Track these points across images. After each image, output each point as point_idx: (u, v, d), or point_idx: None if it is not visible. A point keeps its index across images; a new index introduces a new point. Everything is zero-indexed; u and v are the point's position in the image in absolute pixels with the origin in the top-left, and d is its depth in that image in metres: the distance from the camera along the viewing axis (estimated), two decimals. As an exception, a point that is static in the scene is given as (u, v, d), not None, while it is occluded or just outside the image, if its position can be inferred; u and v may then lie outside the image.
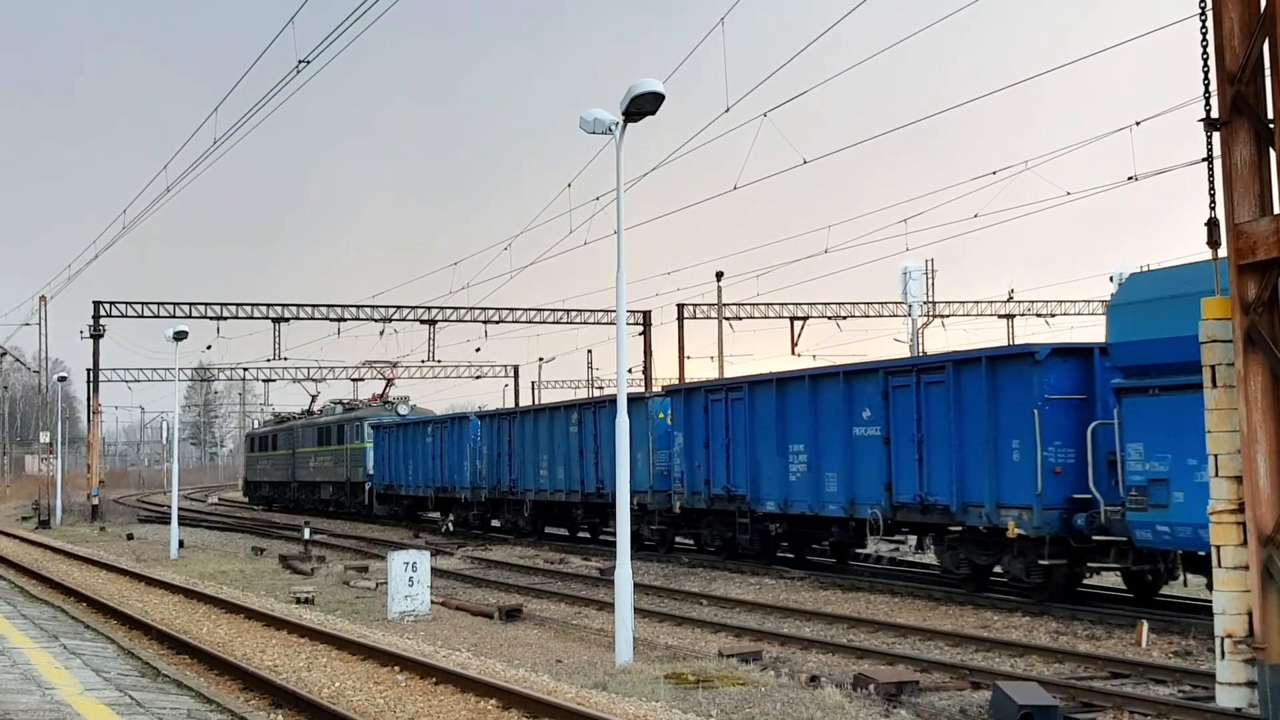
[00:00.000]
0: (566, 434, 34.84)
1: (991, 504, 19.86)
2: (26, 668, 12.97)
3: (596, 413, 33.11)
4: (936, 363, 22.03)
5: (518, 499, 37.95)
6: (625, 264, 15.78)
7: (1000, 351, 21.40)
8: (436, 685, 13.19)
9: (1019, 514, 19.29)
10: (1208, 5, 8.61)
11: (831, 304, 62.55)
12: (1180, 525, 16.66)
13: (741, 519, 26.70)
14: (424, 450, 44.59)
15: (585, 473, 33.63)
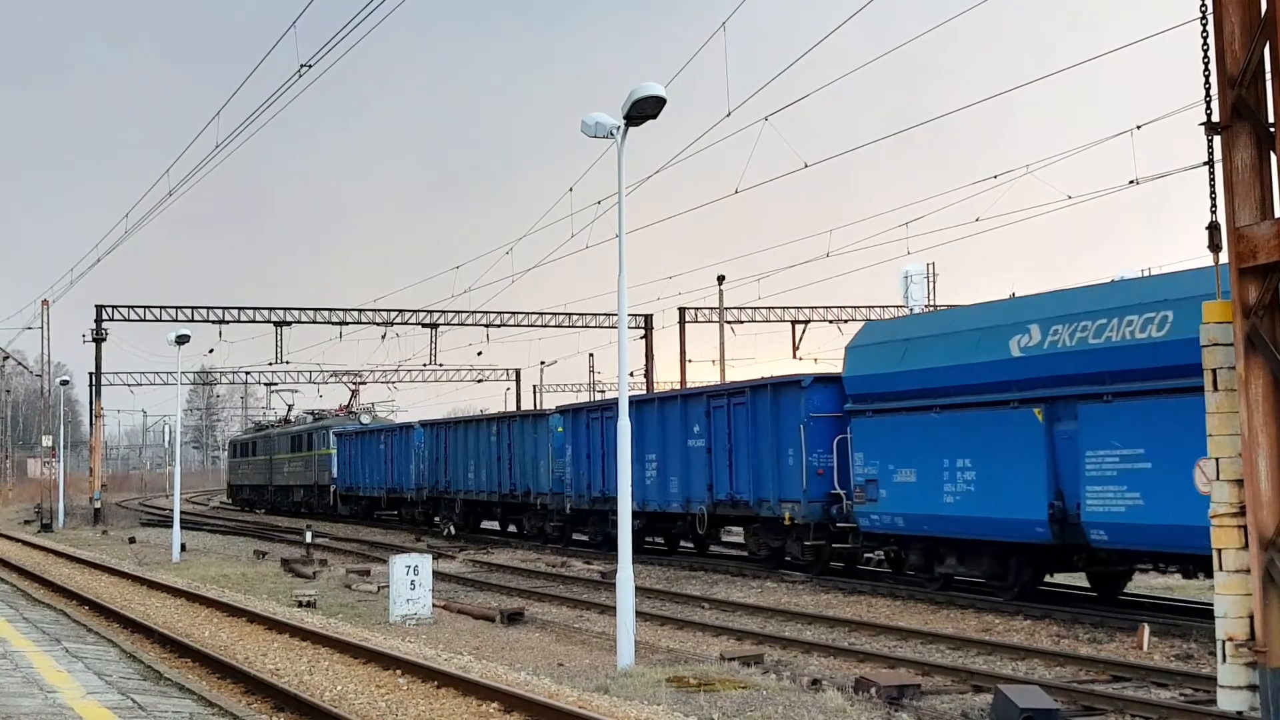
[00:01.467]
0: (490, 443, 39.78)
1: (776, 499, 25.08)
2: (29, 671, 12.99)
3: (510, 426, 38.66)
4: (739, 388, 27.42)
5: (451, 498, 43.09)
6: (627, 267, 15.80)
7: (780, 380, 25.98)
8: (438, 688, 13.20)
9: (793, 506, 24.47)
10: (1208, 9, 8.61)
11: (833, 308, 62.55)
12: (884, 514, 21.95)
13: (613, 516, 28.98)
14: (378, 456, 49.92)
15: (503, 476, 38.67)
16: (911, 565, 22.36)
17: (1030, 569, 20.22)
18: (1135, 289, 18.68)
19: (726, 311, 54.44)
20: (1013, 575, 20.23)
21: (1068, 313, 18.77)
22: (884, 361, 22.02)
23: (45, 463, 66.23)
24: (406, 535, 43.30)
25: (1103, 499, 17.87)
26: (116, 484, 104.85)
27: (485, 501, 40.67)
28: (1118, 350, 17.76)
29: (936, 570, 21.59)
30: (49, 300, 65.92)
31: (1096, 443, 18.06)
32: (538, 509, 36.82)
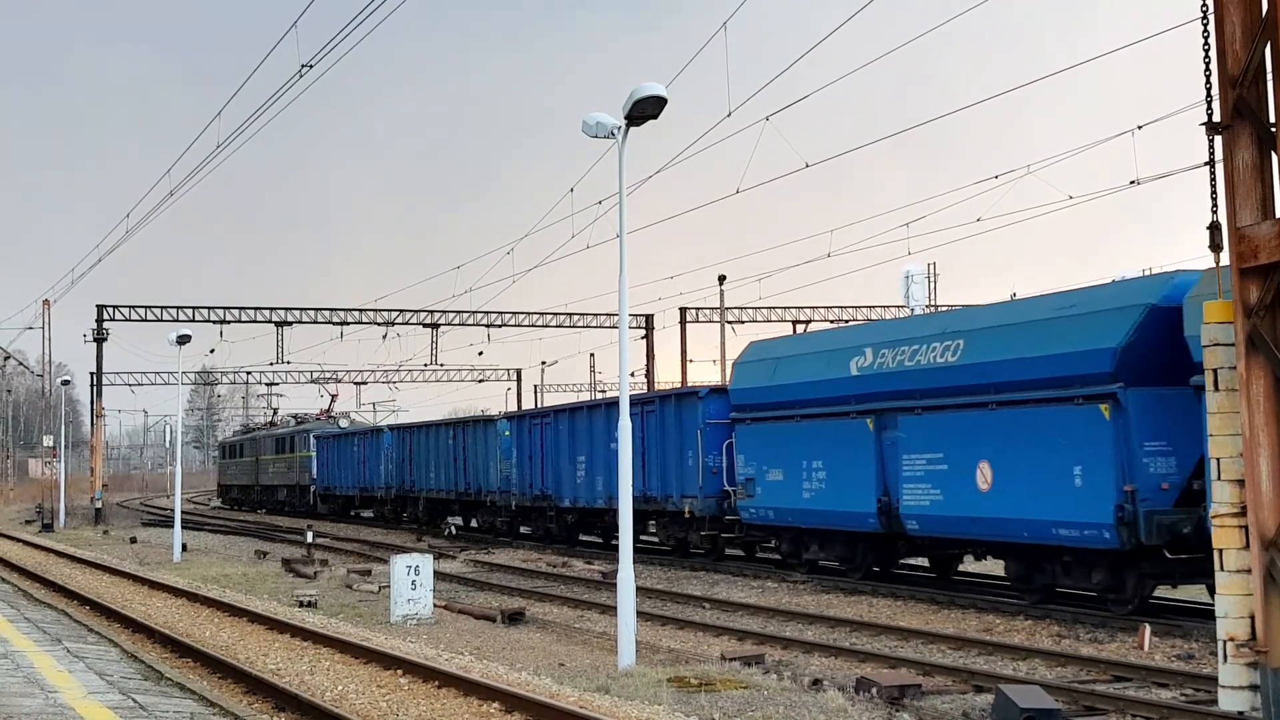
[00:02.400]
0: (448, 446, 43.45)
1: (679, 495, 28.83)
2: (30, 671, 12.99)
3: (465, 430, 42.37)
4: (650, 398, 31.29)
5: (415, 497, 46.91)
6: (628, 267, 15.80)
7: (683, 391, 30.73)
8: (439, 689, 13.20)
9: (692, 501, 28.12)
10: (1209, 9, 8.61)
11: (834, 308, 62.57)
12: (760, 508, 25.51)
13: (550, 512, 35.65)
14: (352, 457, 53.59)
15: (459, 476, 42.38)
16: (783, 552, 26.01)
17: (871, 554, 23.79)
18: (939, 321, 23.15)
19: (727, 311, 54.45)
20: (859, 559, 23.85)
21: (892, 339, 22.37)
22: (760, 377, 25.79)
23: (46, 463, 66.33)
24: (407, 535, 43.35)
25: (914, 495, 21.38)
26: (117, 484, 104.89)
27: (444, 499, 44.49)
28: (925, 371, 21.20)
29: (803, 556, 25.17)
30: (50, 300, 66.04)
31: (910, 448, 21.51)
32: (488, 505, 40.32)
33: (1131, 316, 17.90)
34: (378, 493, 50.51)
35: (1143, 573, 18.07)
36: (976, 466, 19.95)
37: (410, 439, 47.50)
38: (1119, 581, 18.23)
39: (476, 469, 41.03)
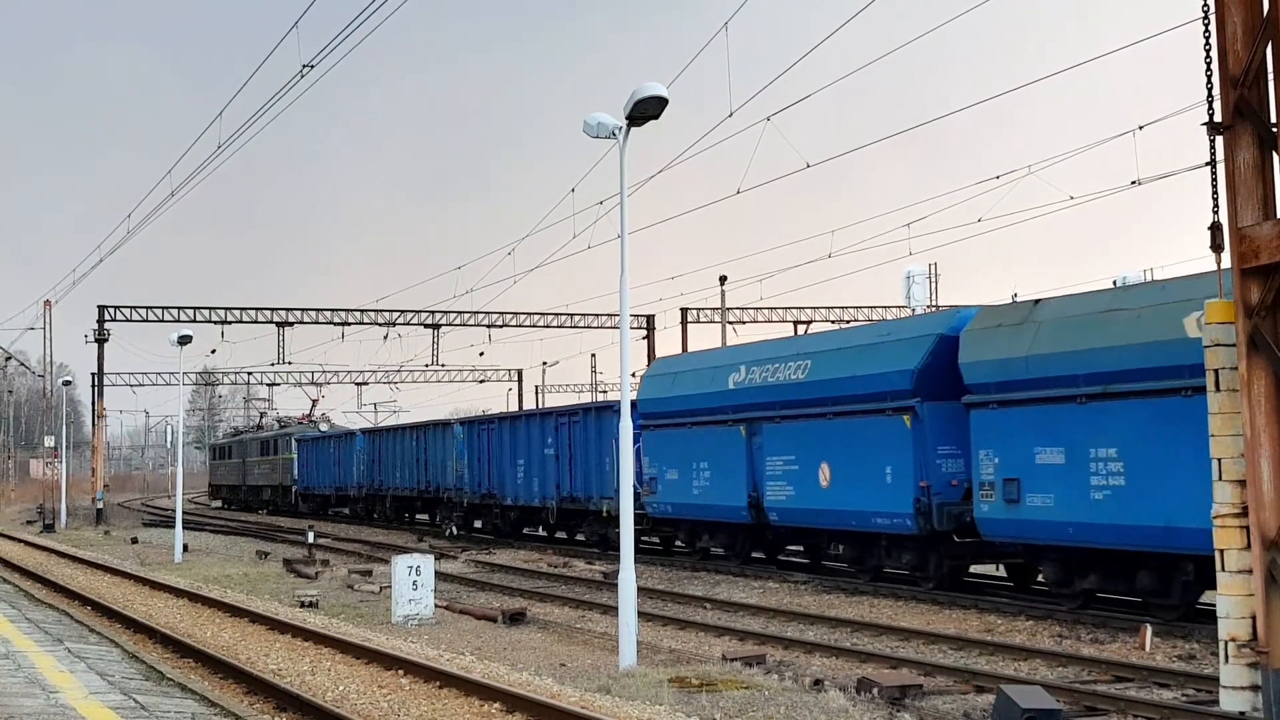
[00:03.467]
0: (411, 448, 47.01)
1: (599, 495, 32.23)
2: (31, 671, 12.99)
3: (426, 434, 45.93)
4: (576, 409, 35.43)
5: (384, 495, 50.58)
6: (629, 268, 15.80)
7: (602, 404, 34.89)
8: (440, 689, 13.20)
9: (609, 501, 31.02)
10: (1210, 9, 8.61)
11: (835, 308, 62.58)
12: (661, 504, 29.13)
13: (496, 509, 39.64)
14: (329, 459, 57.03)
15: (420, 476, 45.92)
16: (683, 541, 30.21)
17: (748, 542, 27.45)
18: (795, 344, 27.03)
19: (729, 312, 54.44)
20: (738, 547, 27.65)
21: (760, 359, 26.10)
22: (661, 389, 29.53)
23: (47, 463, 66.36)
24: (408, 536, 43.41)
25: (774, 491, 25.05)
26: (119, 484, 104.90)
27: (409, 497, 48.22)
28: (783, 386, 24.83)
29: (697, 545, 29.05)
30: (51, 301, 66.06)
31: (772, 451, 25.12)
32: (445, 502, 44.01)
33: (926, 344, 21.48)
34: (351, 492, 54.12)
35: (940, 554, 21.86)
36: (819, 467, 23.75)
37: (379, 442, 51.29)
38: (923, 561, 22.15)
39: (435, 469, 44.56)
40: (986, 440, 19.76)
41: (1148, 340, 17.11)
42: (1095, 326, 18.17)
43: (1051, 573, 19.51)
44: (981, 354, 19.83)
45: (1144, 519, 17.14)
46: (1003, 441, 19.45)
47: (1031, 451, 18.89)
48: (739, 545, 27.45)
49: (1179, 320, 16.58)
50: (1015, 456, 19.18)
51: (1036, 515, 18.82)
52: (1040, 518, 18.76)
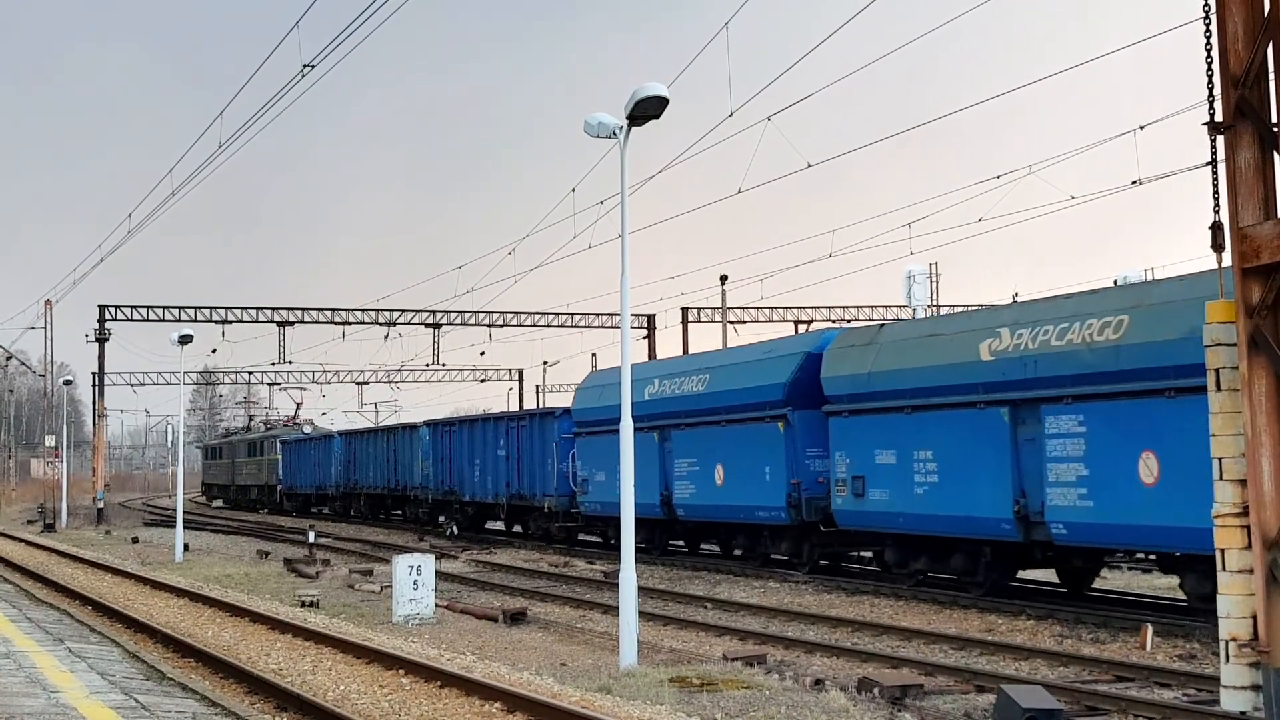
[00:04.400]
0: (383, 449, 50.53)
1: (542, 494, 35.78)
2: (32, 671, 12.99)
3: (396, 435, 49.59)
4: (523, 415, 39.70)
5: (358, 493, 54.22)
6: (630, 267, 15.81)
7: (546, 410, 38.37)
8: (441, 688, 13.20)
9: (550, 499, 35.10)
10: (1211, 9, 8.61)
11: (835, 307, 62.56)
12: (592, 502, 32.45)
13: (457, 505, 43.13)
14: (310, 460, 60.47)
15: (390, 475, 49.49)
16: (607, 536, 33.46)
17: (664, 535, 31.12)
18: (699, 360, 30.41)
19: (729, 311, 54.44)
20: (656, 541, 30.97)
21: (670, 373, 30.09)
22: (591, 399, 32.81)
23: (48, 463, 66.35)
24: (410, 535, 43.47)
25: (681, 490, 28.58)
26: (119, 484, 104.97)
27: (380, 495, 51.67)
28: (688, 397, 28.30)
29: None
30: (52, 300, 65.94)
31: (679, 455, 28.74)
32: (412, 499, 47.63)
33: (795, 361, 25.07)
34: (329, 490, 57.87)
35: (811, 543, 25.18)
36: (715, 468, 26.97)
37: (354, 443, 54.97)
38: (798, 549, 25.60)
39: (403, 469, 48.16)
40: (840, 444, 23.25)
41: (953, 362, 20.56)
42: (919, 349, 21.56)
43: (892, 556, 23.10)
44: (837, 370, 23.36)
45: (952, 510, 20.59)
46: (852, 445, 22.92)
47: (873, 453, 22.33)
48: (656, 538, 30.85)
49: (976, 346, 20.00)
50: (861, 458, 22.63)
51: (877, 507, 22.30)
52: (880, 509, 22.21)
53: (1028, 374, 19.17)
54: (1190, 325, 15.91)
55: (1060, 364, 18.60)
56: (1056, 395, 18.61)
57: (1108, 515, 17.88)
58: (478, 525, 42.87)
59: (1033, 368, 19.16)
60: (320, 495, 59.47)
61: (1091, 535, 18.39)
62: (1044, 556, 20.49)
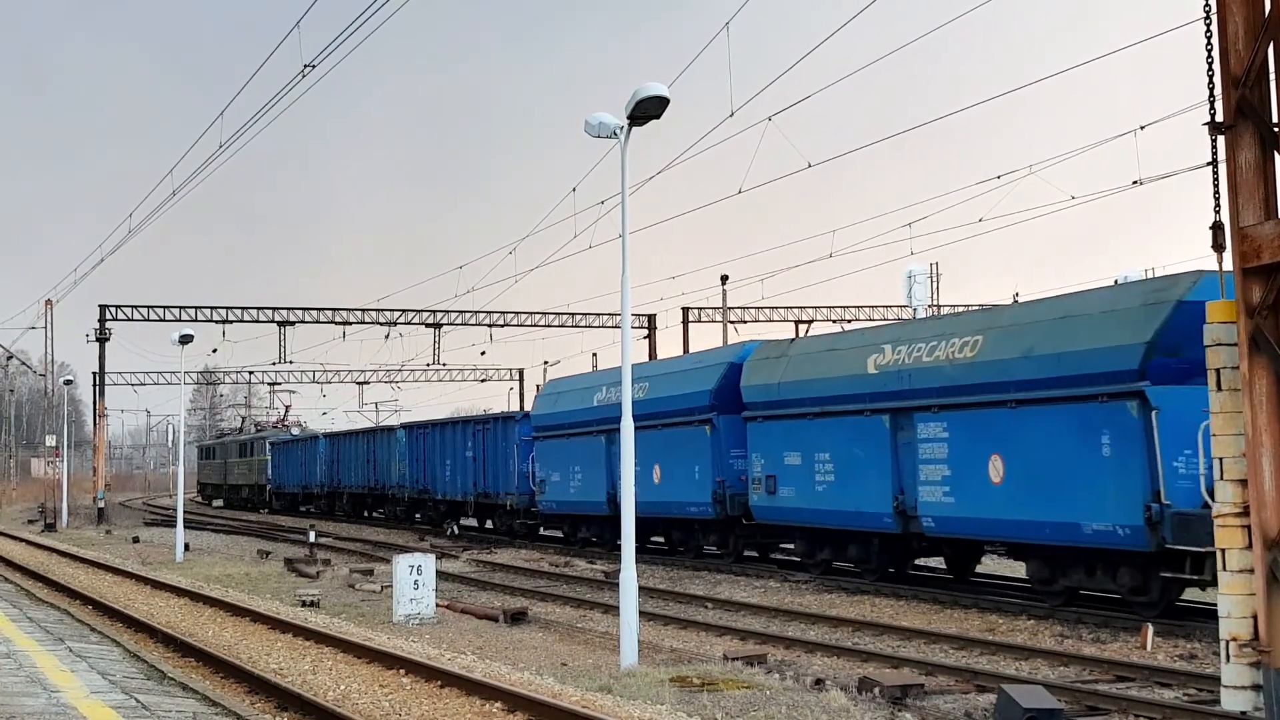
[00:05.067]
0: (364, 450, 53.34)
1: (504, 492, 38.49)
2: (32, 670, 12.99)
3: (375, 437, 52.75)
4: (488, 418, 42.62)
5: (341, 492, 56.89)
6: (630, 267, 15.81)
7: (509, 414, 41.89)
8: (442, 688, 13.20)
9: (512, 497, 38.04)
10: (1212, 9, 8.61)
11: (836, 307, 62.58)
12: (549, 500, 35.08)
13: (430, 503, 46.25)
14: (297, 460, 63.24)
15: (370, 475, 52.27)
16: (566, 532, 35.80)
17: (612, 533, 30.85)
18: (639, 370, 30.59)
19: (730, 311, 54.44)
20: (605, 536, 32.49)
21: (614, 381, 30.44)
22: (548, 405, 35.87)
23: (49, 462, 66.35)
24: (410, 535, 43.50)
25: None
26: (120, 484, 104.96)
27: (361, 494, 54.21)
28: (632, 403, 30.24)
29: (578, 535, 34.81)
30: (52, 300, 65.93)
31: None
32: (390, 499, 50.32)
33: (720, 370, 27.71)
34: (315, 490, 60.40)
35: (735, 535, 27.90)
36: (654, 467, 29.13)
37: (338, 444, 57.76)
38: (724, 541, 28.56)
39: (382, 469, 50.85)
40: (757, 445, 25.74)
41: (846, 374, 23.20)
42: (820, 362, 24.21)
43: (800, 547, 25.53)
44: (754, 379, 25.95)
45: (846, 506, 23.10)
46: (766, 447, 25.44)
47: (783, 455, 24.83)
48: (605, 534, 32.58)
49: (864, 360, 22.69)
50: (773, 458, 25.13)
51: (786, 503, 24.84)
52: (789, 505, 24.77)
53: (904, 386, 21.74)
54: (1027, 346, 19.20)
55: (929, 377, 21.09)
56: (926, 405, 21.09)
57: (965, 510, 20.26)
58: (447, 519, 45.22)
59: (908, 380, 21.70)
60: (306, 494, 62.01)
61: (953, 528, 20.86)
62: (919, 546, 22.98)
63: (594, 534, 33.62)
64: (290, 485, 64.57)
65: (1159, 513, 16.72)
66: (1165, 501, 16.72)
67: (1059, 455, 18.36)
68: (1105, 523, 17.57)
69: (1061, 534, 18.41)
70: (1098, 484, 17.69)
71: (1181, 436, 16.65)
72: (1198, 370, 14.29)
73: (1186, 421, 16.38)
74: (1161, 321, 17.25)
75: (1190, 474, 16.69)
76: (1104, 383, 17.69)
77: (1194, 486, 16.55)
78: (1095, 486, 17.71)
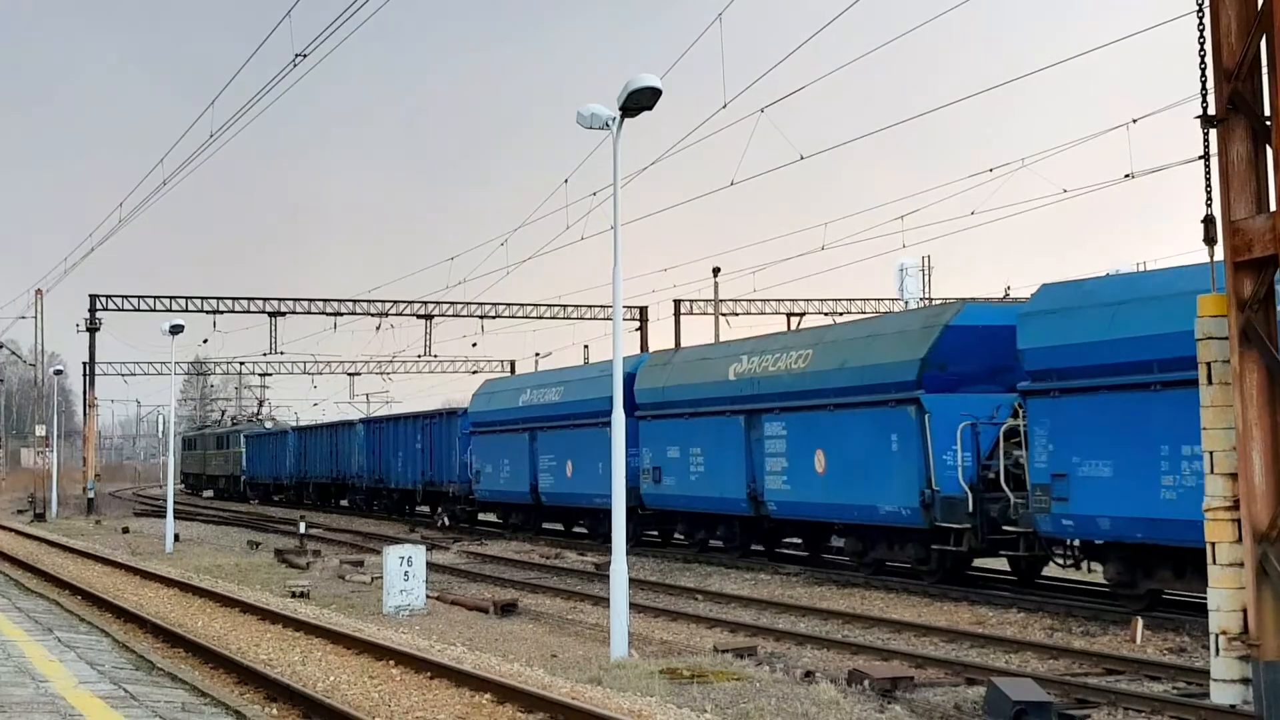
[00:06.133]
0: (328, 442, 57.08)
1: (448, 481, 42.38)
2: (20, 661, 12.95)
3: (338, 430, 56.31)
4: (433, 414, 46.51)
5: (307, 483, 60.62)
6: (622, 259, 15.79)
7: (452, 410, 45.53)
8: (431, 679, 13.19)
9: (454, 485, 41.71)
10: (1205, 3, 8.60)
11: (828, 300, 62.52)
12: (486, 490, 38.57)
13: (384, 491, 49.91)
14: (268, 453, 66.92)
15: (333, 466, 55.89)
16: (499, 517, 40.16)
17: (536, 518, 37.69)
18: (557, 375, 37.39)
19: (722, 304, 54.43)
20: (529, 522, 37.66)
21: (537, 384, 36.94)
22: (482, 404, 39.62)
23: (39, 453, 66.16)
24: (400, 526, 43.51)
25: (543, 480, 35.12)
26: (110, 474, 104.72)
27: (326, 484, 57.95)
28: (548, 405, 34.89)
29: (509, 521, 38.82)
30: (43, 290, 65.69)
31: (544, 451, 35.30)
32: (351, 488, 54.30)
33: None
34: (284, 480, 64.05)
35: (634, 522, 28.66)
36: (567, 463, 33.52)
37: (305, 438, 61.56)
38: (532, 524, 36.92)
39: (344, 460, 54.50)
40: (646, 442, 29.57)
41: (713, 380, 27.23)
42: (695, 370, 28.43)
43: (683, 528, 30.14)
44: (645, 384, 29.93)
45: (713, 493, 26.99)
46: (653, 443, 29.39)
47: (665, 449, 28.79)
48: (529, 520, 37.45)
49: (727, 369, 26.63)
50: (658, 452, 29.10)
51: (668, 491, 28.80)
52: (670, 492, 28.79)
53: (755, 391, 25.60)
54: (843, 359, 23.43)
55: (773, 385, 25.01)
56: (770, 407, 25.01)
57: (799, 496, 24.34)
58: (401, 509, 48.85)
59: (758, 387, 25.48)
60: (277, 485, 65.91)
61: (790, 511, 24.92)
62: (768, 527, 26.62)
63: (520, 519, 38.11)
64: (263, 476, 67.72)
65: (930, 497, 20.69)
66: (935, 488, 20.63)
67: (864, 450, 22.35)
68: (894, 505, 21.59)
69: (865, 515, 22.61)
70: (889, 473, 21.64)
71: (947, 436, 20.50)
72: (962, 381, 21.25)
73: (951, 423, 20.49)
74: (933, 341, 21.25)
75: (953, 466, 20.42)
76: (893, 391, 21.71)
77: (955, 476, 20.40)
78: (888, 475, 21.67)
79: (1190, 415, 12.90)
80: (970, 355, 21.23)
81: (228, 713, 11.00)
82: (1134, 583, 17.85)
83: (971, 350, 21.22)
